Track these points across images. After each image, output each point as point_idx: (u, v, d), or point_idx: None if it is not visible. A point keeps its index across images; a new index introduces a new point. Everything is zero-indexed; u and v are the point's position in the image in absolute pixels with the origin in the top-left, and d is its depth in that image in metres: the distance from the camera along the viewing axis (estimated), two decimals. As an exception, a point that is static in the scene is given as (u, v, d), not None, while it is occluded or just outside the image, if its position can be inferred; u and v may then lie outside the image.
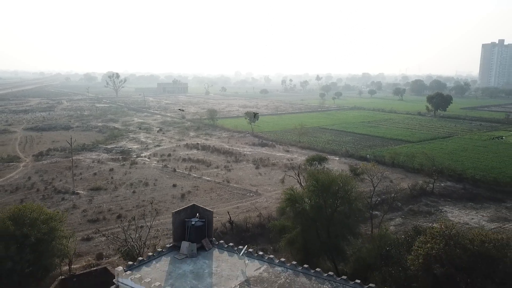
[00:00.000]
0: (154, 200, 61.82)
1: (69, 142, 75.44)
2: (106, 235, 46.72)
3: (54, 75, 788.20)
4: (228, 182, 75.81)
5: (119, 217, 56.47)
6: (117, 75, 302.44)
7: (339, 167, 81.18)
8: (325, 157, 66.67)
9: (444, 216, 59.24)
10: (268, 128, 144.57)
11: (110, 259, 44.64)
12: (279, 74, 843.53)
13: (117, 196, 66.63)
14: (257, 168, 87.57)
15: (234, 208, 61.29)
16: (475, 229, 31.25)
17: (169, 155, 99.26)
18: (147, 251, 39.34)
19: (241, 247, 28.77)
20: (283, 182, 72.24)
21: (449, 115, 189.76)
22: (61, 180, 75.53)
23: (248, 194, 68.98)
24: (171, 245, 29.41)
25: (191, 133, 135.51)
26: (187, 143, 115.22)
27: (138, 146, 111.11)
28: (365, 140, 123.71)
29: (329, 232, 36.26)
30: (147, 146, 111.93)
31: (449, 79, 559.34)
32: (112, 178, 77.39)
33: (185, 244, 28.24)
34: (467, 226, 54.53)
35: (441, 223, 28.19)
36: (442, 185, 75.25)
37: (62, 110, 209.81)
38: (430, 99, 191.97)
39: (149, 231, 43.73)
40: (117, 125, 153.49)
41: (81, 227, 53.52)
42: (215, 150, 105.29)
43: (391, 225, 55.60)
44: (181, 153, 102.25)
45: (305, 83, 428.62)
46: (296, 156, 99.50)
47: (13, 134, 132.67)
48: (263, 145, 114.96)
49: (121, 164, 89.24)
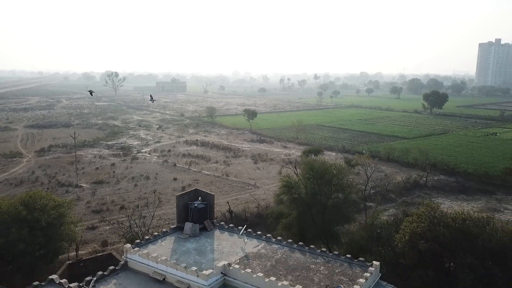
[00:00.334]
0: (154, 193, 63.66)
1: (73, 136, 77.14)
2: (111, 222, 48.57)
3: (52, 75, 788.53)
4: (227, 176, 77.81)
5: (122, 208, 58.35)
6: (116, 74, 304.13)
7: (335, 161, 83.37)
8: (321, 149, 68.59)
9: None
10: (266, 126, 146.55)
11: (115, 246, 46.55)
12: (277, 73, 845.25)
13: (119, 189, 68.54)
14: (255, 163, 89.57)
15: (233, 199, 63.27)
16: (458, 209, 33.31)
17: (169, 150, 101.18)
18: (153, 231, 41.34)
19: (240, 227, 30.78)
20: (280, 173, 74.25)
21: (445, 113, 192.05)
22: (64, 174, 77.33)
23: (246, 187, 70.99)
24: (175, 226, 31.39)
25: (190, 130, 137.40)
26: (186, 140, 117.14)
27: (138, 143, 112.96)
28: (361, 137, 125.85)
29: (324, 218, 38.26)
30: (147, 142, 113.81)
31: (446, 78, 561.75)
32: (114, 172, 79.26)
33: (188, 225, 30.22)
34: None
35: (426, 204, 30.25)
36: (435, 178, 77.42)
37: (62, 108, 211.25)
38: (426, 97, 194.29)
39: (152, 219, 45.66)
40: (116, 123, 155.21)
41: (85, 217, 55.35)
42: (214, 146, 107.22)
43: (385, 216, 57.64)
44: (180, 149, 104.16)
45: (303, 82, 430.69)
46: (294, 151, 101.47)
47: (14, 131, 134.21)
48: (261, 141, 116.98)
49: (122, 159, 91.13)
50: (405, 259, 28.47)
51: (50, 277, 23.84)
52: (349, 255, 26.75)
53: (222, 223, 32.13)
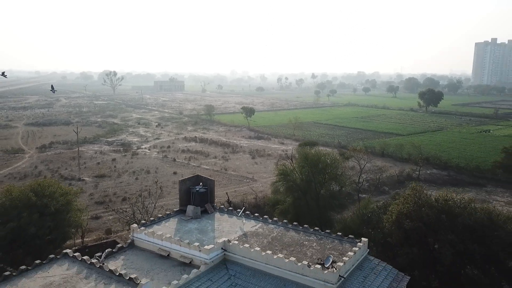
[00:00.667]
0: (155, 186, 65.61)
1: (75, 131, 79.01)
2: (115, 210, 50.55)
3: (50, 74, 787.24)
4: (226, 170, 79.89)
5: (124, 199, 60.35)
6: (115, 73, 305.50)
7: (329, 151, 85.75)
8: (316, 142, 70.69)
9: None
10: (263, 123, 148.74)
11: (118, 233, 48.56)
12: (275, 73, 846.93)
13: (121, 182, 70.53)
14: (253, 158, 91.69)
15: (232, 192, 65.33)
16: (441, 191, 35.50)
17: (169, 147, 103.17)
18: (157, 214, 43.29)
19: (239, 210, 32.87)
20: (277, 165, 76.45)
21: (440, 111, 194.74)
22: (66, 169, 79.21)
23: (244, 180, 73.11)
24: (178, 209, 33.45)
25: (189, 128, 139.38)
26: (185, 136, 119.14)
27: (138, 139, 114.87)
28: (357, 134, 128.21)
29: (318, 204, 40.38)
30: (146, 139, 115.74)
31: (443, 77, 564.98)
32: (115, 167, 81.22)
33: (190, 208, 32.27)
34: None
35: (412, 188, 32.42)
36: (428, 172, 79.75)
37: (61, 107, 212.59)
38: (422, 95, 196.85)
39: (154, 208, 47.67)
40: (116, 121, 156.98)
41: (89, 208, 57.14)
42: (213, 143, 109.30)
43: (376, 204, 59.90)
44: (180, 145, 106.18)
45: (300, 81, 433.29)
46: (291, 147, 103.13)
47: (15, 129, 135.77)
48: (259, 138, 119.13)
49: (123, 154, 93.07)
50: (392, 238, 30.62)
51: (64, 251, 25.81)
52: (339, 233, 28.88)
53: (222, 206, 34.21)
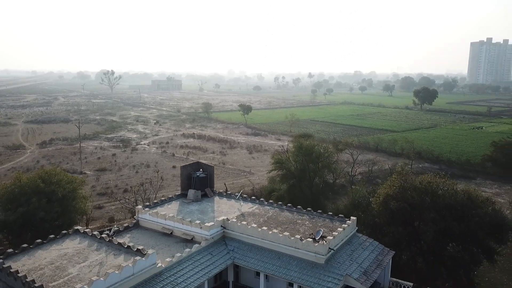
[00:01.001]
0: (155, 178, 67.61)
1: (77, 125, 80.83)
2: (117, 198, 52.56)
3: (46, 74, 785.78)
4: (224, 164, 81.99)
5: (125, 191, 62.29)
6: (112, 72, 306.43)
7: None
8: (311, 134, 72.88)
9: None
10: (260, 121, 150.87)
11: (121, 222, 50.47)
12: (272, 72, 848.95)
13: (121, 175, 72.49)
14: (250, 153, 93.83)
15: (230, 184, 67.27)
16: (425, 175, 37.77)
17: (167, 143, 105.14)
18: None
19: (237, 193, 35.02)
20: (273, 158, 78.78)
21: (435, 109, 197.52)
22: (67, 163, 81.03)
23: (242, 174, 75.21)
24: (180, 193, 35.58)
25: (187, 125, 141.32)
26: (183, 133, 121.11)
27: (137, 136, 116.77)
28: (352, 130, 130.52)
29: (312, 191, 42.57)
30: (145, 135, 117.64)
31: (439, 77, 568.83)
32: (115, 161, 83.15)
33: (191, 191, 34.40)
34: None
35: (398, 172, 34.63)
36: (420, 166, 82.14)
37: (59, 105, 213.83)
38: (417, 93, 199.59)
39: (155, 197, 49.67)
40: (114, 118, 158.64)
41: (91, 198, 59.14)
42: (211, 139, 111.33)
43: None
44: (178, 141, 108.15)
45: (297, 80, 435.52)
46: (287, 143, 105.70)
47: (14, 126, 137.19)
48: (256, 134, 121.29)
49: (123, 150, 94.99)
50: (379, 219, 32.83)
51: (75, 227, 27.88)
52: (330, 213, 31.07)
53: (221, 191, 36.33)
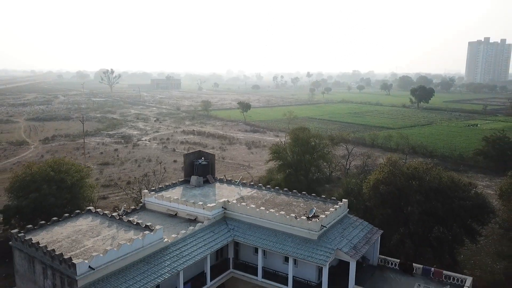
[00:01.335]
0: (158, 171, 69.80)
1: (81, 120, 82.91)
2: (123, 188, 54.74)
3: (45, 73, 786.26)
4: (223, 158, 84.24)
5: (128, 183, 64.46)
6: (112, 71, 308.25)
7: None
8: (308, 128, 74.88)
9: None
10: (259, 118, 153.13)
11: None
12: (270, 72, 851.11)
13: (124, 169, 74.70)
14: (249, 148, 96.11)
15: (229, 177, 69.16)
16: (412, 161, 40.04)
17: (168, 139, 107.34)
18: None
19: (237, 180, 37.27)
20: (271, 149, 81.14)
21: (432, 107, 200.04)
22: (71, 158, 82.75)
23: (241, 167, 77.48)
24: (183, 179, 37.81)
25: (187, 122, 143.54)
26: (183, 130, 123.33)
27: (138, 132, 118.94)
28: (349, 128, 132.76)
29: (307, 179, 44.82)
30: (146, 132, 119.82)
31: (437, 76, 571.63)
32: (117, 156, 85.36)
33: (194, 178, 36.63)
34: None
35: (388, 158, 36.91)
36: (414, 160, 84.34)
37: (60, 104, 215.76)
38: (413, 91, 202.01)
39: (158, 185, 51.81)
40: (115, 116, 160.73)
41: (96, 190, 61.33)
42: (210, 135, 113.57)
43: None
44: (178, 137, 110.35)
45: (296, 79, 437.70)
46: (285, 136, 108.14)
47: (16, 123, 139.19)
48: (254, 131, 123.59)
49: (124, 145, 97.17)
50: (370, 202, 35.10)
51: (87, 208, 30.07)
52: (323, 196, 33.35)
53: (222, 177, 38.60)
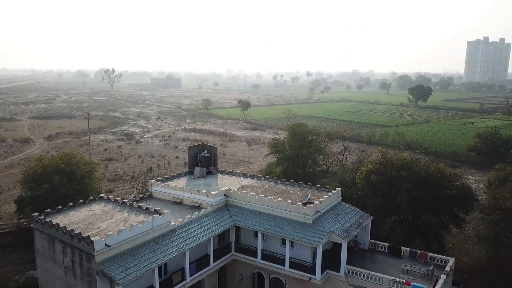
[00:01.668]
0: (161, 165, 72.19)
1: (86, 117, 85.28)
2: (128, 180, 57.16)
3: (45, 72, 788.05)
4: (224, 155, 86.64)
5: (133, 177, 66.87)
6: (113, 70, 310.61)
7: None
8: (305, 124, 77.37)
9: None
10: (259, 116, 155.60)
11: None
12: (270, 71, 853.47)
13: (128, 164, 77.14)
14: (249, 145, 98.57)
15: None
16: (402, 153, 42.52)
17: (169, 136, 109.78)
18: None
19: (237, 171, 39.70)
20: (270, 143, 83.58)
21: (429, 106, 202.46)
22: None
23: (241, 163, 79.82)
24: (187, 170, 40.23)
25: (188, 120, 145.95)
26: (184, 127, 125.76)
27: (140, 130, 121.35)
28: (347, 125, 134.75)
29: (304, 172, 47.24)
30: (148, 129, 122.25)
31: (436, 75, 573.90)
32: (121, 152, 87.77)
33: (197, 169, 39.05)
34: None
35: (380, 151, 39.36)
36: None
37: (61, 102, 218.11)
38: (411, 90, 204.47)
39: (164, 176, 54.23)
40: (117, 114, 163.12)
41: (103, 182, 63.67)
42: (211, 133, 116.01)
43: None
44: (180, 135, 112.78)
45: (295, 79, 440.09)
46: (284, 133, 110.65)
47: (20, 121, 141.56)
48: (254, 129, 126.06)
49: (127, 142, 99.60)
50: (362, 191, 37.52)
51: (100, 195, 32.46)
52: (318, 185, 35.77)
53: (224, 169, 41.03)
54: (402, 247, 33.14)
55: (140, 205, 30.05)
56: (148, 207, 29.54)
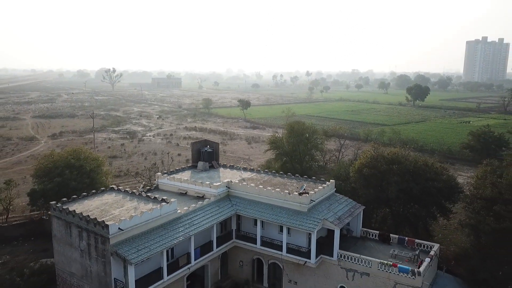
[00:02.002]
0: (165, 161, 74.68)
1: (91, 115, 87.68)
2: (133, 175, 59.61)
3: (46, 72, 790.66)
4: (225, 152, 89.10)
5: (137, 173, 69.37)
6: (114, 70, 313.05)
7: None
8: (304, 122, 79.90)
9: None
10: (259, 115, 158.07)
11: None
12: (270, 71, 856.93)
13: (131, 161, 79.61)
14: (249, 143, 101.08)
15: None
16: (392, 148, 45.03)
17: (171, 134, 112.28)
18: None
19: (238, 166, 42.20)
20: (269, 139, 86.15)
21: (427, 105, 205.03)
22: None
23: (242, 160, 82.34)
24: (191, 165, 42.72)
25: (189, 119, 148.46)
26: (185, 126, 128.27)
27: (142, 128, 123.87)
28: (346, 124, 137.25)
29: (302, 167, 49.73)
30: (150, 128, 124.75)
31: (435, 75, 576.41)
32: (124, 150, 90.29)
33: (200, 163, 41.54)
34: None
35: (372, 145, 41.85)
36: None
37: (63, 102, 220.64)
38: (409, 90, 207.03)
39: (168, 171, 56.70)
40: (118, 114, 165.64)
41: (110, 177, 66.07)
42: (212, 131, 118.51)
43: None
44: (181, 133, 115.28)
45: (295, 78, 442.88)
46: (282, 131, 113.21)
47: (23, 121, 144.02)
48: (254, 128, 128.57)
49: (130, 141, 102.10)
50: (355, 184, 40.00)
51: (111, 186, 34.91)
52: (314, 178, 38.26)
53: (225, 164, 43.51)
54: (391, 235, 35.62)
55: (149, 194, 32.50)
56: (156, 196, 32.01)
